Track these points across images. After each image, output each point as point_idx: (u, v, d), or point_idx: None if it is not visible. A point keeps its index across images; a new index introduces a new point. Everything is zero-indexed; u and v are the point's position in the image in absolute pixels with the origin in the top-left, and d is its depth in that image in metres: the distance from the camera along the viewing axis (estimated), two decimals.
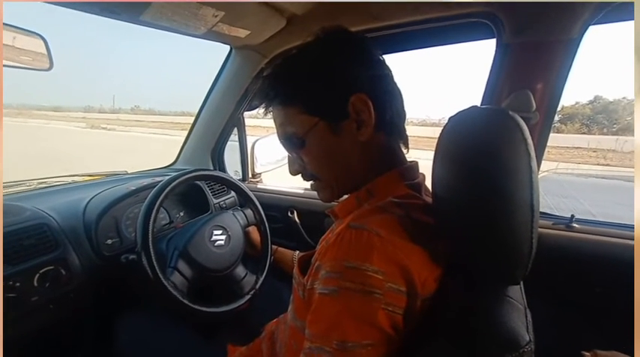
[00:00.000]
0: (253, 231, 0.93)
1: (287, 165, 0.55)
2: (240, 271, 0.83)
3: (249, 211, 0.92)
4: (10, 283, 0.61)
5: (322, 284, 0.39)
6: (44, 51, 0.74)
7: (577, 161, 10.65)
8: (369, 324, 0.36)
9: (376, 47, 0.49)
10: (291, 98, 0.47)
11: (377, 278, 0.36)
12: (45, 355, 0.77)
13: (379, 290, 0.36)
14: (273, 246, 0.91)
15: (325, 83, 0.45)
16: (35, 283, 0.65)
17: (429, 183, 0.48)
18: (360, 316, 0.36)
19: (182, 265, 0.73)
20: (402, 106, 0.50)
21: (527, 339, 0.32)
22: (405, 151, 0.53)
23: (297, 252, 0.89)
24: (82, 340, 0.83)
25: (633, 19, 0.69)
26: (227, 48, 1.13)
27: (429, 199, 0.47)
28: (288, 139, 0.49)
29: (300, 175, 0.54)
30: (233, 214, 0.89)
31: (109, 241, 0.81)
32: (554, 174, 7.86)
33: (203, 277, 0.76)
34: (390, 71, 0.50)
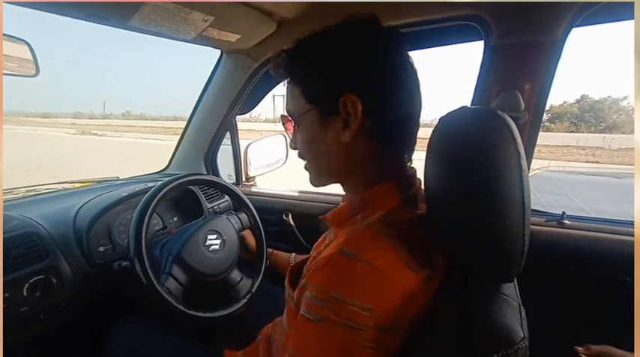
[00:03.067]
0: (248, 235, 0.92)
1: (280, 168, 0.55)
2: (236, 275, 0.83)
3: (243, 215, 0.92)
4: None
5: (306, 307, 0.38)
6: (29, 57, 0.72)
7: (567, 159, 10.81)
8: (352, 355, 0.36)
9: (402, 47, 0.46)
10: (296, 80, 0.48)
11: (363, 315, 0.35)
12: None
13: (363, 328, 0.35)
14: (268, 249, 0.91)
15: (324, 75, 0.45)
16: (25, 293, 0.63)
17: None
18: (343, 349, 0.36)
19: (176, 271, 0.73)
20: (411, 118, 0.47)
21: (522, 335, 0.33)
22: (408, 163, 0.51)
23: (294, 254, 0.89)
24: (75, 350, 0.81)
25: (616, 21, 0.72)
26: (218, 52, 1.13)
27: (424, 207, 0.46)
28: (288, 115, 0.50)
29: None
30: (227, 218, 0.88)
31: (102, 249, 0.80)
32: (546, 172, 7.96)
33: (198, 282, 0.75)
34: (410, 78, 0.46)
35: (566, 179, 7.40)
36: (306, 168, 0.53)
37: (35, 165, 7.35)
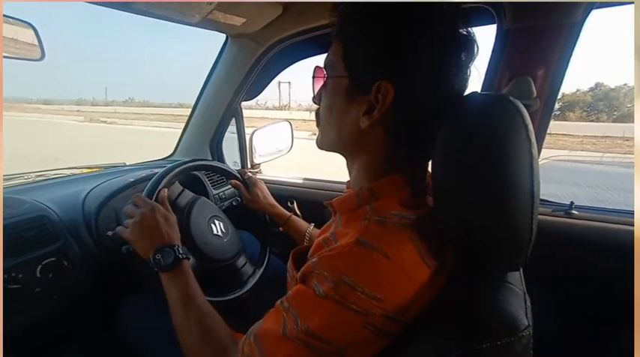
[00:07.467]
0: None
1: (286, 155, 0.55)
2: (241, 260, 0.84)
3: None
4: (13, 274, 0.61)
5: (316, 280, 0.38)
6: (34, 40, 0.72)
7: (618, 151, 9.93)
8: (347, 333, 0.36)
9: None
10: (343, 37, 0.44)
11: (370, 303, 0.35)
12: (51, 344, 0.78)
13: (367, 313, 0.35)
14: (287, 213, 0.90)
15: (374, 50, 0.40)
16: (38, 275, 0.65)
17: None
18: (341, 326, 0.36)
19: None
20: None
21: (526, 323, 0.33)
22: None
23: (312, 225, 0.87)
24: (87, 328, 0.84)
25: None
26: (223, 37, 1.11)
27: (431, 200, 0.45)
28: (324, 68, 0.47)
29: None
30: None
31: (110, 233, 0.81)
32: (598, 165, 7.65)
33: (205, 267, 0.76)
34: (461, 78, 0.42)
35: (624, 173, 6.93)
36: (317, 126, 0.51)
37: (52, 156, 7.28)
